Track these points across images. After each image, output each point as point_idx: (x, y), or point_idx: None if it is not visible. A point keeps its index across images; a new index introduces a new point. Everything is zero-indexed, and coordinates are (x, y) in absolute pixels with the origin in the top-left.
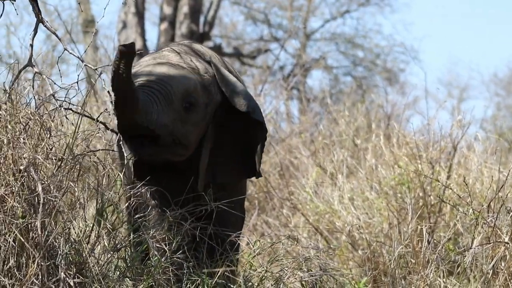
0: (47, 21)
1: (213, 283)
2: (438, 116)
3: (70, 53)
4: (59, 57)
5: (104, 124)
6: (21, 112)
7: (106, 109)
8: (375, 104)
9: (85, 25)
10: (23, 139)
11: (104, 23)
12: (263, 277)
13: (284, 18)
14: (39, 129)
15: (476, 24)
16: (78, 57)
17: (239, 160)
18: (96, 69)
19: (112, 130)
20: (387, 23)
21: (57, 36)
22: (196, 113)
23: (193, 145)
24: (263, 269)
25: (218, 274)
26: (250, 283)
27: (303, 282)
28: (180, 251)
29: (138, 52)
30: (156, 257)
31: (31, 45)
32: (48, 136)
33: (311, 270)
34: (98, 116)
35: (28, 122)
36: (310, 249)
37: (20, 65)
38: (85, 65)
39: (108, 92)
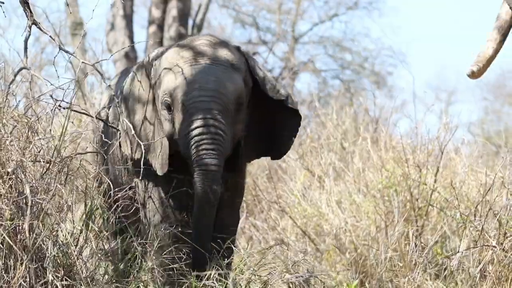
0: (39, 23)
1: (201, 285)
2: (426, 119)
3: (66, 51)
4: (55, 57)
5: (103, 120)
6: (9, 114)
7: (104, 107)
8: (363, 107)
9: (74, 28)
10: (11, 141)
11: (92, 26)
12: (250, 280)
13: (273, 21)
14: (27, 132)
15: (464, 28)
16: (72, 54)
17: (264, 143)
18: (93, 64)
19: (111, 126)
20: (375, 26)
21: (50, 37)
22: (242, 111)
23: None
24: (250, 272)
25: (207, 277)
26: (239, 286)
27: (290, 285)
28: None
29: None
30: (141, 260)
31: (25, 48)
32: (36, 138)
33: (298, 273)
34: (97, 113)
35: (16, 124)
36: (298, 252)
37: (7, 67)
38: (82, 62)
39: (109, 86)
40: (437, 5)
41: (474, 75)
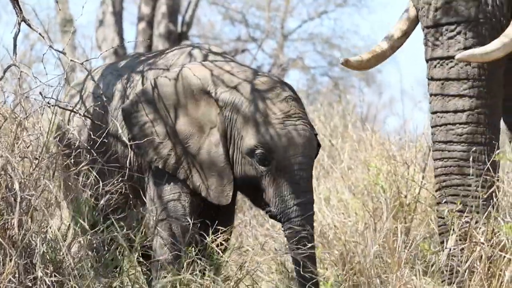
0: (28, 20)
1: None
2: (414, 116)
3: (55, 49)
4: (43, 54)
5: (90, 118)
6: None
7: (93, 105)
8: (352, 104)
9: (63, 25)
10: (0, 137)
11: (82, 23)
12: (224, 264)
13: (262, 19)
14: (15, 128)
15: None
16: (61, 52)
17: None
18: (82, 63)
19: (98, 124)
20: (364, 23)
21: (40, 34)
22: None
23: None
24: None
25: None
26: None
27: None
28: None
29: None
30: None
31: (15, 45)
32: (25, 134)
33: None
34: (86, 111)
35: (5, 121)
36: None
37: None
38: (71, 60)
39: (98, 85)
40: None
41: (349, 64)
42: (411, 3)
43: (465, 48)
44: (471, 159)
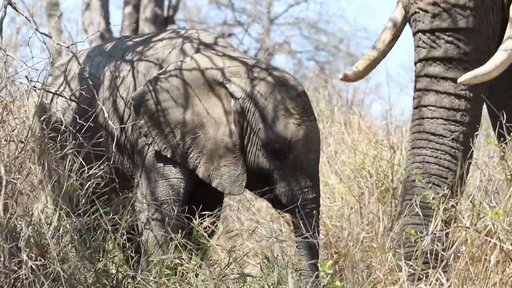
0: (14, 3)
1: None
2: (400, 101)
3: (41, 33)
4: (29, 38)
5: (76, 101)
6: None
7: (79, 89)
8: (338, 89)
9: (49, 8)
10: None
11: (68, 6)
12: (212, 250)
13: (248, 3)
14: (1, 111)
15: None
16: (47, 35)
17: None
18: (68, 46)
19: (84, 107)
20: (350, 8)
21: (26, 17)
22: None
23: None
24: (213, 243)
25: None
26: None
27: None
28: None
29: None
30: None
31: (0, 28)
32: (11, 118)
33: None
34: (72, 94)
35: None
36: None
37: None
38: (57, 43)
39: (84, 67)
40: None
41: (347, 78)
42: (399, 6)
43: (465, 53)
44: (458, 155)
